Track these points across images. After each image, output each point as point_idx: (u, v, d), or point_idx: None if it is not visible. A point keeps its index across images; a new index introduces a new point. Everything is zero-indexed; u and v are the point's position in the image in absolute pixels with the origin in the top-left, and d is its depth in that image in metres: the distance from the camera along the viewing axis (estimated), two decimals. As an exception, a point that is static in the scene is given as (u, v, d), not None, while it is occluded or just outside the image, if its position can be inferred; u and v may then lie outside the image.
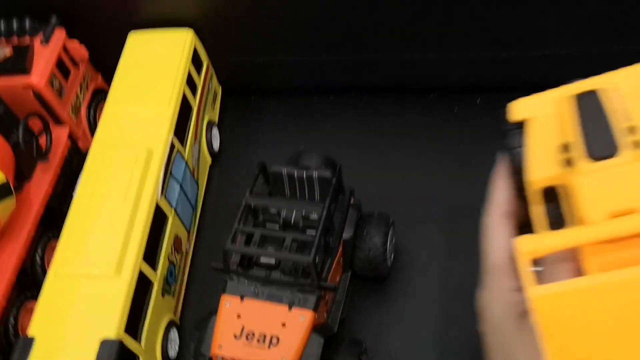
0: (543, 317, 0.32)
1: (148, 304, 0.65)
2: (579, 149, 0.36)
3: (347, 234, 0.69)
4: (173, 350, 0.69)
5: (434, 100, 0.92)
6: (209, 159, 0.86)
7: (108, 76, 0.84)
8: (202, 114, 0.85)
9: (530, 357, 0.33)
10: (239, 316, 0.62)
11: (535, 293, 0.32)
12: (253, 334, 0.61)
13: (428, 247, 0.77)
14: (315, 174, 0.68)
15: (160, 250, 0.68)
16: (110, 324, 0.58)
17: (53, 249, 0.67)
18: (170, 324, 0.69)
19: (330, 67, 0.91)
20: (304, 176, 0.69)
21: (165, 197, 0.70)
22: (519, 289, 0.36)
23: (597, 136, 0.36)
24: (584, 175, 0.35)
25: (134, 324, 0.62)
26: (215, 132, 0.88)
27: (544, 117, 0.41)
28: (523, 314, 0.35)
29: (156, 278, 0.67)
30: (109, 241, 0.63)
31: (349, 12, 0.83)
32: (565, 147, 0.37)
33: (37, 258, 0.71)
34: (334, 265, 0.65)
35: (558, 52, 0.83)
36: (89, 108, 0.86)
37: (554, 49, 0.83)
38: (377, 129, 0.91)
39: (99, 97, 0.88)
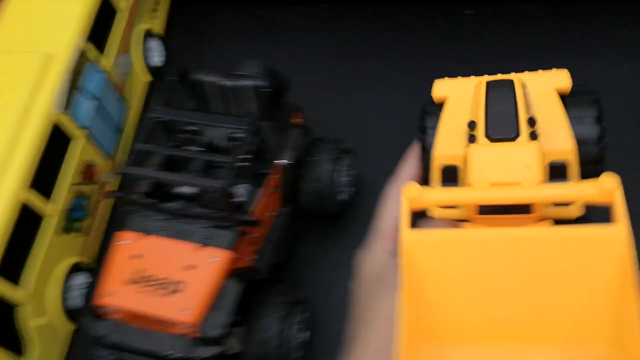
0: (407, 260, 0.35)
1: (36, 243, 0.53)
2: (481, 128, 0.39)
3: (286, 159, 0.56)
4: (78, 299, 0.58)
5: (417, 11, 0.78)
6: (146, 76, 0.73)
7: None
8: (136, 22, 0.71)
9: (392, 313, 0.34)
10: (138, 256, 0.50)
11: (406, 235, 0.35)
12: (152, 278, 0.49)
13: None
14: (247, 83, 0.55)
15: (60, 178, 0.56)
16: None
17: None
18: (75, 268, 0.57)
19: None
20: (234, 86, 0.55)
21: (70, 114, 0.57)
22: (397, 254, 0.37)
23: (500, 119, 0.40)
24: (479, 148, 0.39)
25: (11, 266, 0.50)
26: (156, 44, 0.75)
27: (460, 98, 0.43)
28: (393, 274, 0.36)
29: (51, 212, 0.54)
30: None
31: None
32: (471, 126, 0.40)
33: None
34: (262, 196, 0.52)
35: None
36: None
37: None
38: (347, 45, 0.78)
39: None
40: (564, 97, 0.42)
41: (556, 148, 0.39)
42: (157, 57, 0.76)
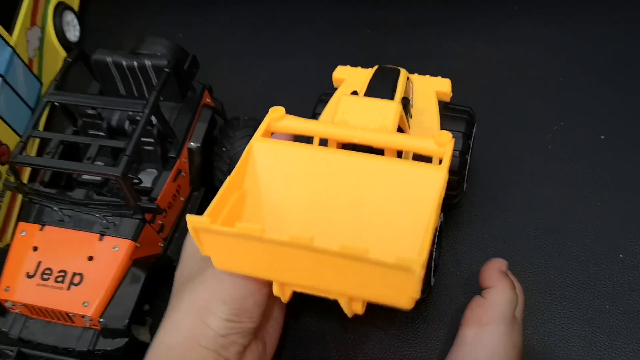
0: (250, 157, 0.43)
1: None
2: (361, 93, 0.47)
3: (195, 142, 0.54)
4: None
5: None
6: (61, 52, 0.70)
7: None
8: (48, -6, 0.68)
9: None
10: (35, 249, 0.48)
11: (256, 140, 0.43)
12: (50, 271, 0.47)
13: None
14: (148, 62, 0.52)
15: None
16: None
17: None
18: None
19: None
20: (136, 66, 0.53)
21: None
22: None
23: (378, 87, 0.47)
24: (348, 97, 0.46)
25: None
26: (70, 18, 0.72)
27: (354, 81, 0.51)
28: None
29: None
30: None
31: None
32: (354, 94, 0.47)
33: None
34: (168, 181, 0.50)
35: None
36: None
37: None
38: (265, 17, 0.75)
39: None
40: (444, 104, 0.51)
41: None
42: (72, 32, 0.72)
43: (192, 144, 0.53)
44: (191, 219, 0.37)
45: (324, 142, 0.46)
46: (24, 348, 0.47)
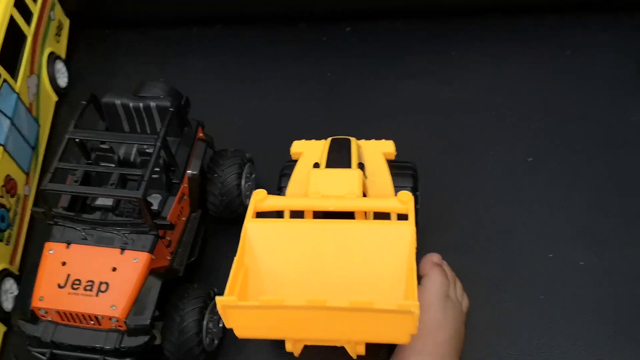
0: (247, 238, 0.51)
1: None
2: (322, 165, 0.55)
3: (193, 170, 0.63)
4: (8, 302, 0.63)
5: (303, 29, 0.86)
6: (53, 96, 0.78)
7: None
8: (42, 45, 0.76)
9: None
10: (64, 264, 0.55)
11: (248, 222, 0.52)
12: (80, 282, 0.54)
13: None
14: (153, 104, 0.62)
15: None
16: None
17: None
18: (4, 273, 0.62)
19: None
20: (141, 107, 0.62)
21: (-17, 132, 0.62)
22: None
23: (337, 157, 0.56)
24: (317, 171, 0.55)
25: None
26: (60, 66, 0.80)
27: (311, 154, 0.59)
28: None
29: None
30: None
31: None
32: (315, 166, 0.55)
33: None
34: (175, 203, 0.59)
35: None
36: None
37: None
38: (242, 61, 0.85)
39: None
40: (390, 162, 0.60)
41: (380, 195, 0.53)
42: (62, 79, 0.80)
43: (190, 172, 0.62)
44: (220, 300, 0.44)
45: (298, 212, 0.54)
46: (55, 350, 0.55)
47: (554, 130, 0.72)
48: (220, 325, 0.60)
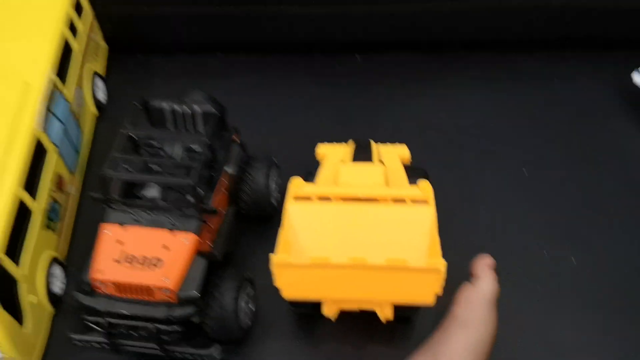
0: (289, 216, 0.57)
1: (26, 232, 0.63)
2: (348, 160, 0.63)
3: (230, 169, 0.70)
4: (57, 287, 0.68)
5: (318, 58, 0.94)
6: (94, 110, 0.85)
7: None
8: (85, 62, 0.83)
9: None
10: (119, 242, 0.61)
11: (290, 203, 0.58)
12: (135, 257, 0.60)
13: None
14: (197, 108, 0.69)
15: (40, 182, 0.67)
16: (-12, 242, 0.57)
17: None
18: (54, 261, 0.68)
19: (217, 22, 0.91)
20: (187, 111, 0.69)
21: (45, 131, 0.68)
22: None
23: (359, 154, 0.64)
24: (345, 165, 0.63)
25: (12, 248, 0.60)
26: (100, 83, 0.87)
27: (335, 156, 0.66)
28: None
29: (36, 208, 0.65)
30: (-16, 166, 0.61)
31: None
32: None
33: None
34: (215, 196, 0.66)
35: (430, 9, 0.88)
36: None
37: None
38: (262, 85, 0.92)
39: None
40: (404, 166, 0.66)
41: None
42: (101, 95, 0.87)
43: (229, 170, 0.69)
44: (275, 257, 0.51)
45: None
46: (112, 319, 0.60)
47: (544, 146, 0.80)
48: (252, 307, 0.66)
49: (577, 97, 0.86)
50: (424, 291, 0.52)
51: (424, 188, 0.59)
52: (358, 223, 0.57)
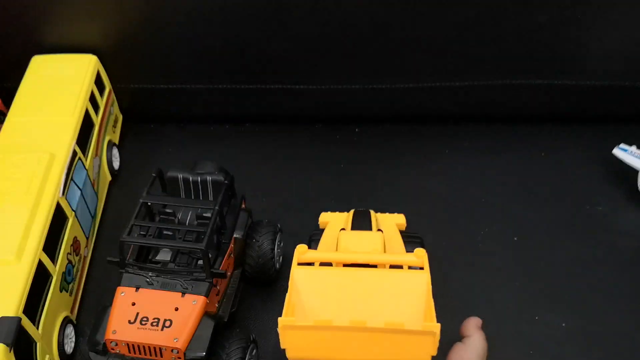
0: (294, 281, 0.61)
1: (47, 295, 0.66)
2: (348, 228, 0.67)
3: (238, 234, 0.73)
4: (69, 346, 0.70)
5: (320, 129, 1.00)
6: (109, 176, 0.89)
7: (8, 100, 0.84)
8: (104, 133, 0.88)
9: None
10: (133, 304, 0.64)
11: (295, 269, 0.62)
12: (147, 319, 0.63)
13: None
14: (209, 178, 0.73)
15: (60, 247, 0.70)
16: (10, 303, 0.60)
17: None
18: (67, 320, 0.70)
19: (226, 96, 0.96)
20: (199, 180, 0.73)
21: (66, 198, 0.72)
22: None
23: (360, 222, 0.68)
24: (345, 232, 0.67)
25: (32, 309, 0.63)
26: (115, 152, 0.91)
27: (336, 223, 0.70)
28: None
29: (55, 272, 0.68)
30: (10, 231, 0.65)
31: (243, 45, 0.90)
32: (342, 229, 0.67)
33: None
34: (224, 260, 0.69)
35: (424, 86, 0.93)
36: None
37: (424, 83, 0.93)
38: (268, 153, 0.97)
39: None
40: (400, 232, 0.70)
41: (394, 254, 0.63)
42: (116, 163, 0.92)
43: (237, 235, 0.73)
44: (282, 320, 0.55)
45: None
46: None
47: (534, 216, 0.84)
48: None
49: (564, 167, 0.90)
50: (420, 352, 0.55)
51: (420, 255, 0.62)
52: (358, 287, 0.61)
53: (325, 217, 0.75)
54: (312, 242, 0.72)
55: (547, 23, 0.85)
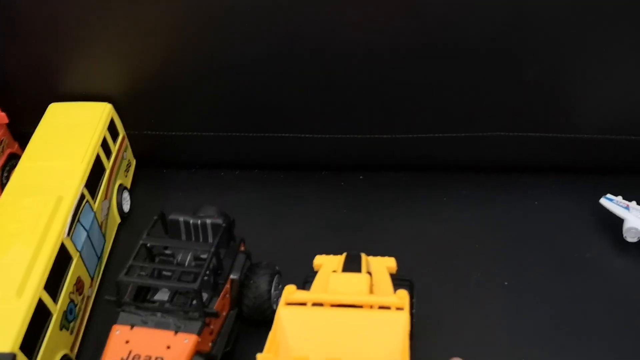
0: (279, 320, 0.62)
1: (46, 332, 0.67)
2: (339, 270, 0.67)
3: (235, 275, 0.73)
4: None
5: (326, 176, 1.00)
6: (118, 219, 0.90)
7: (25, 145, 0.86)
8: (115, 177, 0.90)
9: None
10: (127, 342, 0.64)
11: (282, 308, 0.62)
12: (139, 356, 0.63)
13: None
14: (208, 221, 0.74)
15: (62, 286, 0.71)
16: (6, 339, 0.60)
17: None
18: (66, 358, 0.71)
19: (235, 143, 0.98)
20: (199, 223, 0.74)
21: (71, 238, 0.73)
22: None
23: (351, 265, 0.69)
24: (335, 274, 0.67)
25: (30, 346, 0.63)
26: (126, 195, 0.93)
27: (330, 265, 0.71)
28: None
29: (56, 310, 0.69)
30: (14, 269, 0.66)
31: (251, 95, 0.92)
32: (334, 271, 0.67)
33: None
34: (219, 300, 0.69)
35: (425, 137, 0.94)
36: (2, 170, 0.89)
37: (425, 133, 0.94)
38: (274, 199, 0.97)
39: (14, 161, 0.90)
40: (392, 276, 0.70)
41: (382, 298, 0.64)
42: (126, 206, 0.93)
43: (233, 276, 0.73)
44: (259, 356, 0.56)
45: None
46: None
47: (525, 261, 0.83)
48: None
49: (555, 216, 0.90)
50: None
51: (401, 296, 0.62)
52: (340, 326, 0.61)
53: (319, 260, 0.75)
54: (307, 283, 0.72)
55: (538, 80, 0.86)
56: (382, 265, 0.73)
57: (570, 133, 0.90)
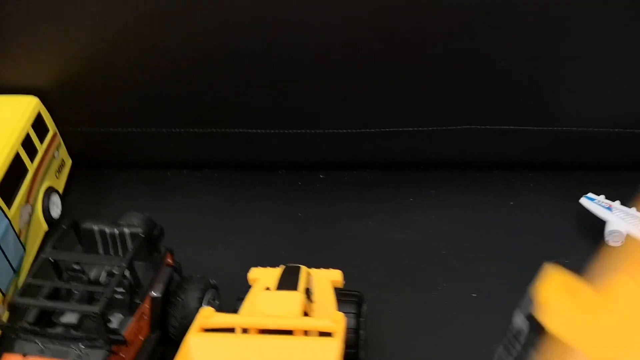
0: (185, 351, 0.51)
1: None
2: (273, 288, 0.57)
3: (156, 292, 0.62)
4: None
5: (282, 175, 0.89)
6: (44, 226, 0.79)
7: None
8: (42, 179, 0.79)
9: None
10: (18, 374, 0.53)
11: (191, 335, 0.52)
12: (29, 392, 0.52)
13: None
14: (127, 230, 0.62)
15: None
16: None
17: None
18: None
19: (184, 141, 0.87)
20: (116, 233, 0.62)
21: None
22: None
23: (286, 282, 0.58)
24: (262, 292, 0.57)
25: None
26: (55, 199, 0.81)
27: (266, 279, 0.61)
28: None
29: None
30: None
31: (197, 86, 0.81)
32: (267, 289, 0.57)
33: None
34: (132, 322, 0.58)
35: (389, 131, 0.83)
36: None
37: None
38: (224, 201, 0.86)
39: None
40: (338, 290, 0.61)
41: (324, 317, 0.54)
42: (55, 211, 0.81)
43: (154, 293, 0.61)
44: None
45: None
46: None
47: (496, 270, 0.72)
48: None
49: (533, 217, 0.78)
50: None
51: (336, 319, 0.51)
52: (260, 357, 0.50)
53: (254, 274, 0.63)
54: (238, 301, 0.61)
55: (516, 68, 0.75)
56: (325, 279, 0.62)
57: (547, 125, 0.78)
